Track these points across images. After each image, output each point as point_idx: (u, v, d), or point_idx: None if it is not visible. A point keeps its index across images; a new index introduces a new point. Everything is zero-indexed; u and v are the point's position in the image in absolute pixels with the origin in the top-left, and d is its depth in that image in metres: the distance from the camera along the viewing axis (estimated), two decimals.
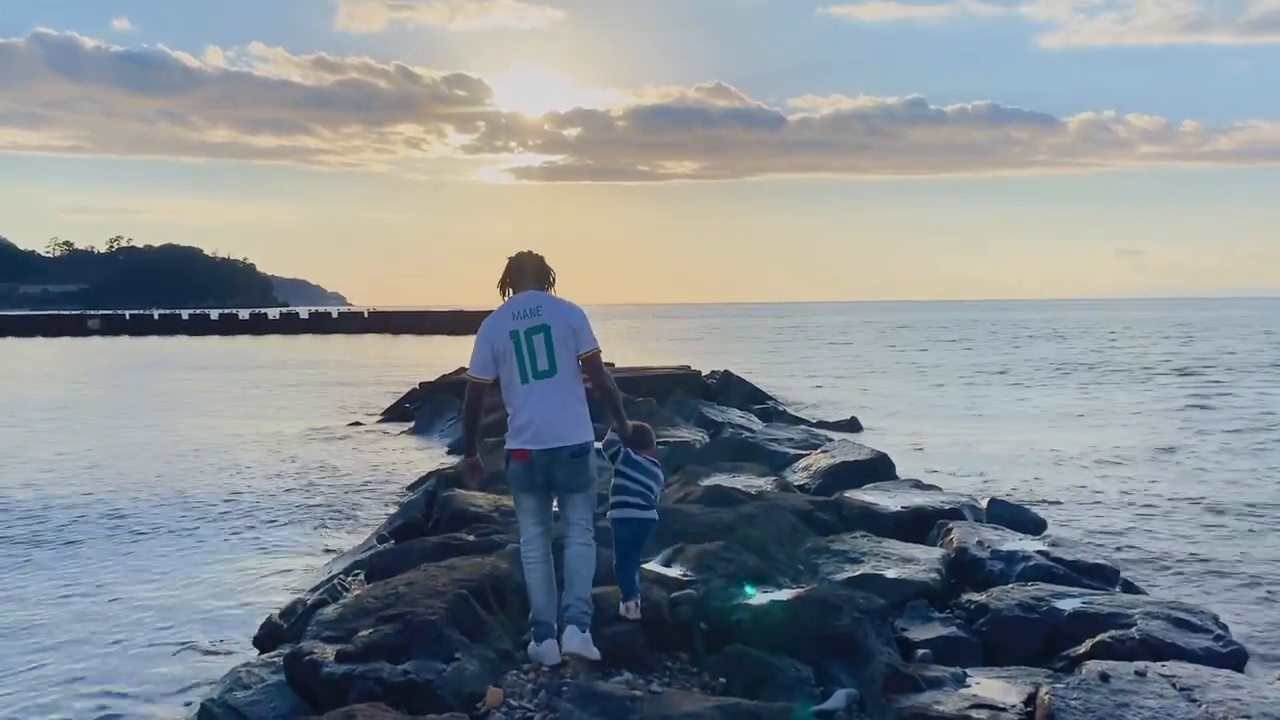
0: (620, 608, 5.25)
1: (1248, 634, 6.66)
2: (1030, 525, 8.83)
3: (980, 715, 4.40)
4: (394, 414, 21.13)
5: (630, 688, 4.65)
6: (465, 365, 5.80)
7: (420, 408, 19.97)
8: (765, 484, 9.52)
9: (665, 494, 8.87)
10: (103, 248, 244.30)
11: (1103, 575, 6.87)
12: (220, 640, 7.03)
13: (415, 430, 18.62)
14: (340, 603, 5.65)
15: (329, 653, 4.76)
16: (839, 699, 4.61)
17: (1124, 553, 9.10)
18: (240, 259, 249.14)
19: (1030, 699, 4.51)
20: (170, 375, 35.12)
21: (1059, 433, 18.02)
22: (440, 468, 12.50)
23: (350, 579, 7.13)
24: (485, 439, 6.19)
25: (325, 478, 13.79)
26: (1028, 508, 9.58)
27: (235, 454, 16.10)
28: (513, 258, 5.11)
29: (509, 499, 7.60)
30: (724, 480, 9.44)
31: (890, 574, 6.56)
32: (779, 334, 74.54)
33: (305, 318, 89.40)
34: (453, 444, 15.94)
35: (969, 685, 4.73)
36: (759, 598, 5.58)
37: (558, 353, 4.91)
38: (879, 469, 10.69)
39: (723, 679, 4.97)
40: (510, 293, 5.09)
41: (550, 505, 5.13)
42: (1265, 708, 4.33)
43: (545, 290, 5.06)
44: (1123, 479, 13.13)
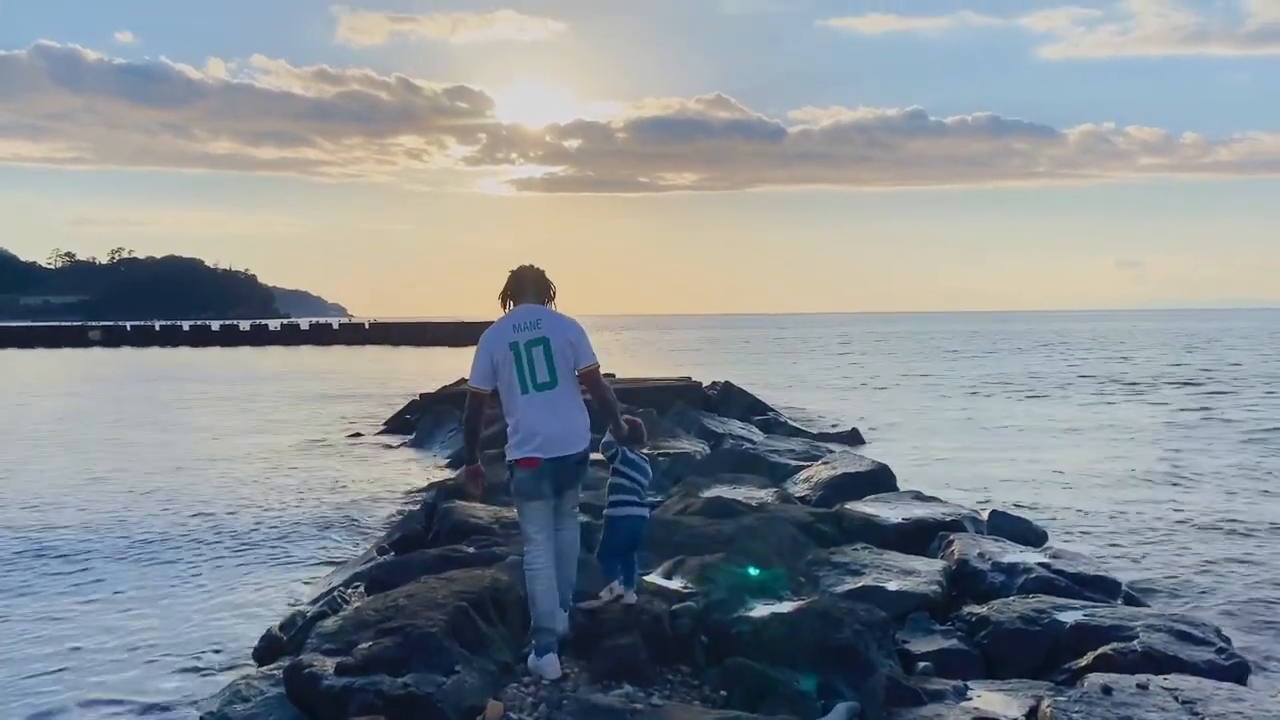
0: (611, 586, 5.37)
1: (1250, 646, 6.64)
2: (1032, 537, 8.82)
3: None
4: (394, 425, 21.10)
5: (631, 701, 4.65)
6: (465, 376, 5.87)
7: (420, 419, 19.95)
8: (766, 495, 9.51)
9: (666, 505, 8.89)
10: (104, 259, 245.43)
11: (1104, 587, 6.85)
12: (219, 652, 7.01)
13: (415, 442, 18.59)
14: (340, 615, 5.65)
15: (329, 665, 4.75)
16: (840, 712, 4.60)
17: (1125, 565, 9.08)
18: (242, 270, 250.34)
19: (1032, 712, 4.49)
20: (171, 387, 35.09)
21: (1060, 444, 18.02)
22: (440, 480, 12.50)
23: (350, 591, 7.11)
24: (485, 450, 6.20)
25: (325, 489, 13.78)
26: (1029, 520, 9.57)
27: (235, 466, 16.08)
28: (514, 271, 5.29)
29: (509, 511, 7.64)
30: (725, 492, 9.43)
31: (891, 586, 6.55)
32: (780, 345, 74.58)
33: (306, 329, 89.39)
34: (453, 456, 15.92)
35: (970, 698, 4.72)
36: (759, 610, 5.57)
37: (557, 365, 5.06)
38: (880, 480, 10.66)
39: (724, 692, 4.96)
40: (511, 305, 5.25)
41: (552, 513, 5.24)
42: None
43: (545, 304, 5.23)
44: (1125, 491, 13.11)
